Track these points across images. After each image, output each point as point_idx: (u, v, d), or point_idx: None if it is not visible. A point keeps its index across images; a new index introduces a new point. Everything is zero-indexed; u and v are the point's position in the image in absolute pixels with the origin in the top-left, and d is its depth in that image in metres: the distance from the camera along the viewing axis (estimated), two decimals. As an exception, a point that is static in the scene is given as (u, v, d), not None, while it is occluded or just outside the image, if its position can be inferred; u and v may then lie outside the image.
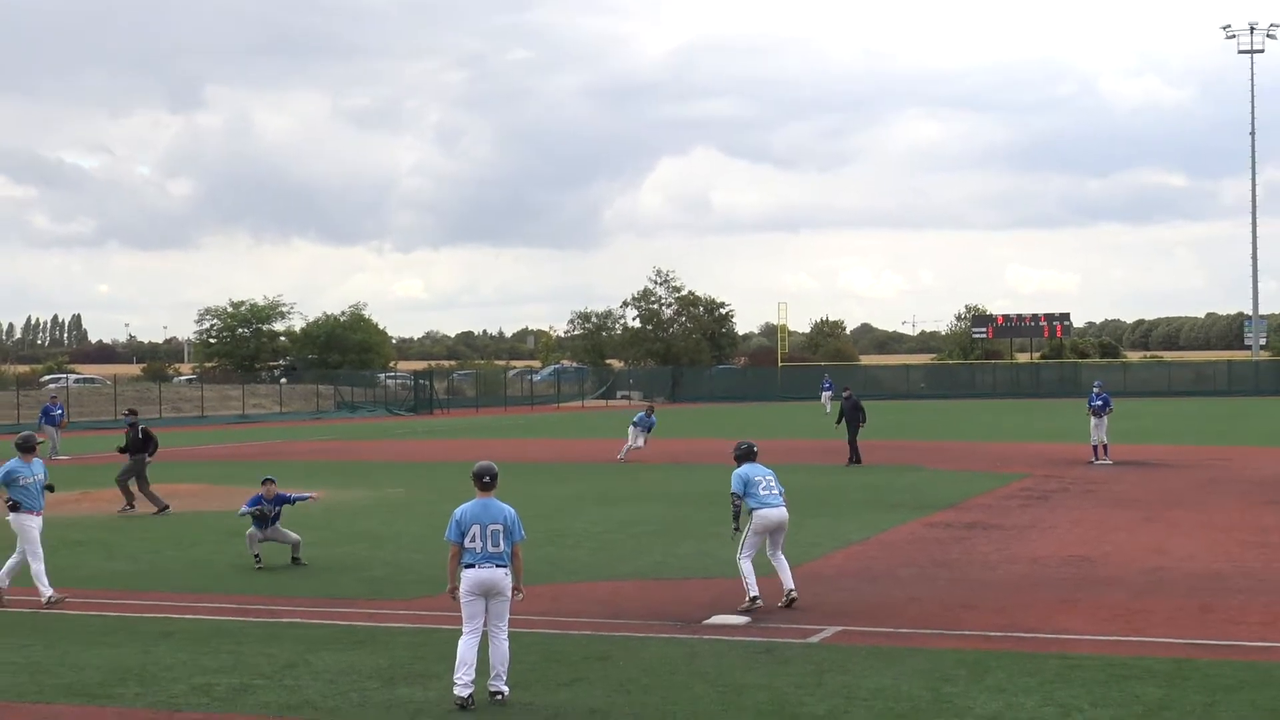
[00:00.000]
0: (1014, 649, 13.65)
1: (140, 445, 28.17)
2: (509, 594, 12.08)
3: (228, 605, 16.58)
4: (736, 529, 16.54)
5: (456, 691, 11.71)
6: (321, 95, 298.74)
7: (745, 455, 16.79)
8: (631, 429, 41.36)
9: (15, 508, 16.97)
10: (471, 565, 11.99)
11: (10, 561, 17.07)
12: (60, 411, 47.79)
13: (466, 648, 11.86)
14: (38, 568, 16.80)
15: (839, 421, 39.01)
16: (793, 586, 16.26)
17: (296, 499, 21.13)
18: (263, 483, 20.43)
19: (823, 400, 74.89)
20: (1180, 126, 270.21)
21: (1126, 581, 17.73)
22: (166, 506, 27.06)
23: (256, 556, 19.88)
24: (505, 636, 12.03)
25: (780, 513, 16.38)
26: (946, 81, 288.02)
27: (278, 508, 20.26)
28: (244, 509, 20.15)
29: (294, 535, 20.33)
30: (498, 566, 11.99)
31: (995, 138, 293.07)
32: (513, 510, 12.27)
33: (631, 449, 40.66)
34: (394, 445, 51.92)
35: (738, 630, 14.82)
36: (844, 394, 40.78)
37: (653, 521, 24.82)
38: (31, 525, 16.94)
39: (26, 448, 17.51)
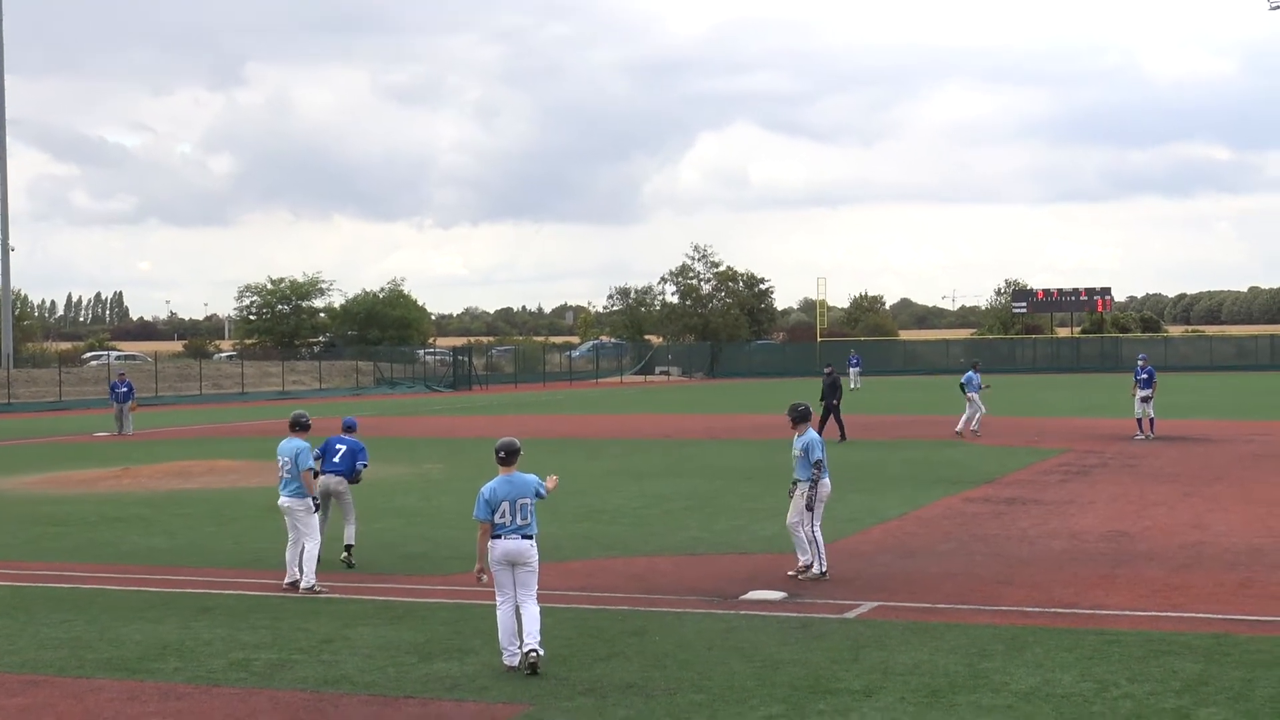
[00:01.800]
0: (1052, 624, 13.60)
1: None
2: (534, 565, 12.33)
3: (266, 581, 16.65)
4: (800, 493, 16.24)
5: (506, 660, 12.08)
6: (361, 72, 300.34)
7: (806, 416, 16.45)
8: (975, 396, 39.21)
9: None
10: (498, 536, 12.25)
11: (306, 552, 16.24)
12: (127, 389, 46.83)
13: (504, 616, 12.18)
14: (294, 553, 16.25)
15: (823, 399, 37.85)
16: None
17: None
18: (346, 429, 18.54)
19: (850, 376, 74.72)
20: (1223, 99, 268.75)
21: (1165, 557, 17.63)
22: None
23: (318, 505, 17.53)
24: (534, 602, 12.24)
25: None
26: (987, 55, 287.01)
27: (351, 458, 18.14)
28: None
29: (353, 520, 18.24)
30: (523, 537, 12.27)
31: (1036, 111, 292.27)
32: (535, 478, 12.52)
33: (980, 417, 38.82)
34: (432, 421, 52.05)
35: (774, 606, 14.81)
36: (825, 370, 39.81)
37: (688, 497, 24.82)
38: (305, 506, 16.32)
39: (305, 426, 16.58)
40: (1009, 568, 16.97)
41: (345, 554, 17.94)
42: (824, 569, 16.20)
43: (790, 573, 16.27)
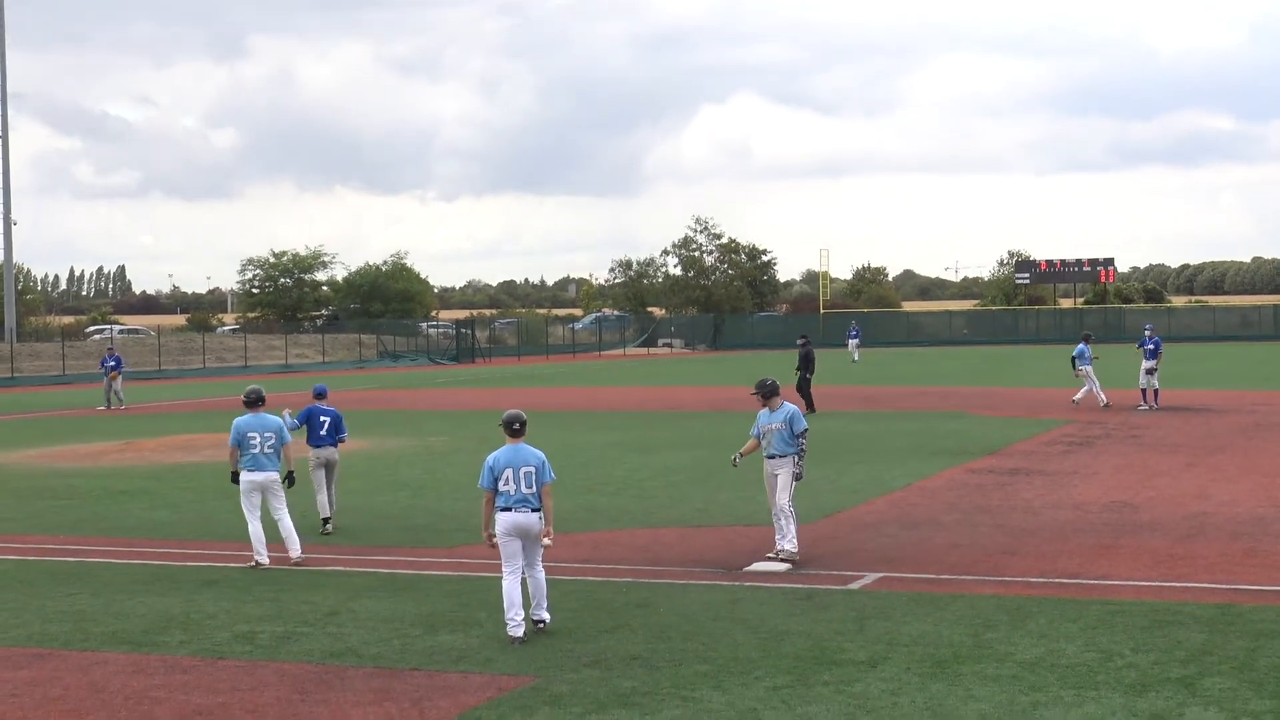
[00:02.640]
0: (1056, 595, 13.59)
1: None
2: (540, 537, 12.38)
3: (270, 554, 16.61)
4: (786, 469, 15.80)
5: (510, 631, 12.09)
6: (363, 44, 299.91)
7: (775, 391, 16.02)
8: (1090, 369, 38.09)
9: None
10: (506, 509, 12.31)
11: (286, 526, 16.25)
12: (115, 363, 46.63)
13: (510, 587, 12.22)
14: (259, 528, 16.01)
15: (798, 369, 37.82)
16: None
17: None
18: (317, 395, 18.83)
19: (850, 348, 74.66)
20: (1228, 69, 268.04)
21: (1169, 527, 17.62)
22: None
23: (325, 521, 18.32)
24: (540, 570, 12.44)
25: None
26: (991, 25, 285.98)
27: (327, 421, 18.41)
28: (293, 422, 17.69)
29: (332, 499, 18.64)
30: (531, 510, 12.32)
31: (1040, 82, 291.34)
32: (542, 453, 12.56)
33: (1099, 390, 37.60)
34: (436, 394, 52.06)
35: (779, 577, 14.81)
36: (800, 341, 39.25)
37: (693, 469, 24.82)
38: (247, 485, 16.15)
39: (264, 399, 16.31)
40: (1013, 538, 16.97)
41: (330, 519, 18.42)
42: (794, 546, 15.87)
43: (769, 555, 15.92)
